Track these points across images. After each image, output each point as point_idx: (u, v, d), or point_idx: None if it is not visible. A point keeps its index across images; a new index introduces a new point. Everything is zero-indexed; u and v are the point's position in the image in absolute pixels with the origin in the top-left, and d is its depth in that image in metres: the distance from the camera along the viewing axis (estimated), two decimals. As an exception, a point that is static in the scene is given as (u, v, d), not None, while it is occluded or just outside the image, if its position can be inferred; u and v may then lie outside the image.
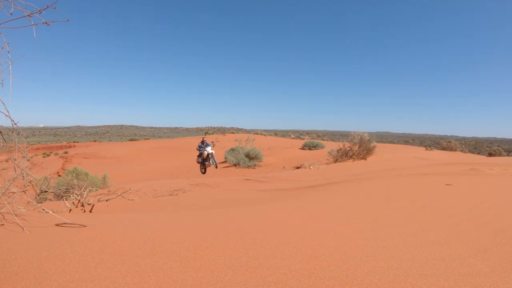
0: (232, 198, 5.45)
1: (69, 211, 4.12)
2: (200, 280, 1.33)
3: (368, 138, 12.26)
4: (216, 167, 11.67)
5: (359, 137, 12.31)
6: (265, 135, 37.51)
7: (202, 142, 11.76)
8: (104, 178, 8.91)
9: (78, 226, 2.01)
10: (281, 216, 2.78)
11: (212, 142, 12.04)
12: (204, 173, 11.88)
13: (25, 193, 2.47)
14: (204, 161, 11.63)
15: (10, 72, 1.89)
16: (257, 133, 40.96)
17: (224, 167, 16.35)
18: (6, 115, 1.94)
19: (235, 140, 27.19)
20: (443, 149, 18.45)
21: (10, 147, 2.08)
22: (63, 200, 5.81)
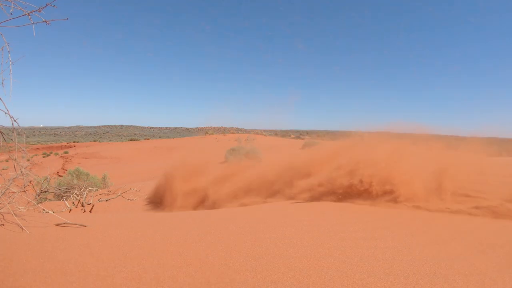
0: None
1: (69, 211, 4.12)
2: (201, 280, 1.33)
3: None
4: None
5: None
6: (265, 135, 37.49)
7: None
8: (104, 178, 8.91)
9: (78, 226, 2.01)
10: (281, 216, 2.78)
11: None
12: None
13: (25, 193, 2.47)
14: None
15: (11, 72, 1.89)
16: (257, 133, 40.97)
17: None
18: (5, 113, 1.94)
19: (235, 140, 27.21)
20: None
21: (10, 147, 2.07)
22: (63, 200, 5.81)
